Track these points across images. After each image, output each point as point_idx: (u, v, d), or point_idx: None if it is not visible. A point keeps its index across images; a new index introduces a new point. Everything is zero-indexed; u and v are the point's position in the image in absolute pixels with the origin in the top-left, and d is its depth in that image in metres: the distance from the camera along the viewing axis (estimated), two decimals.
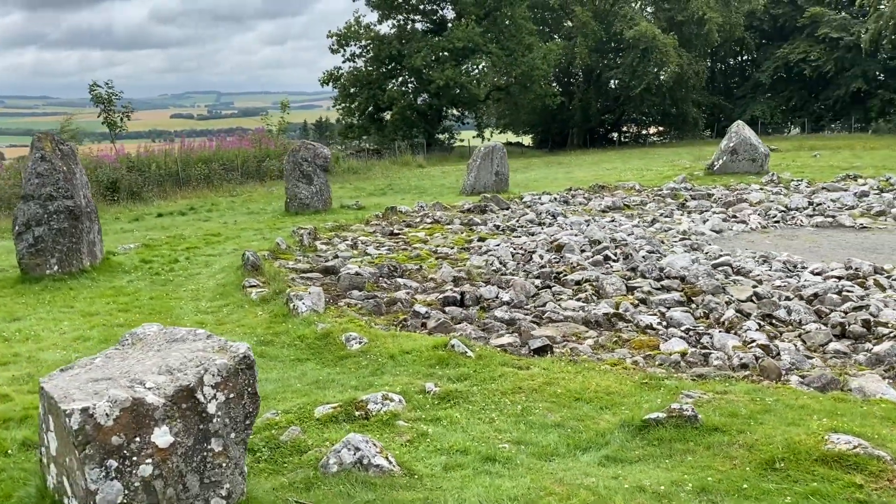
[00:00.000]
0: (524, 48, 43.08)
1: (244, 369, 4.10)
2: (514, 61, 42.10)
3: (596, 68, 51.98)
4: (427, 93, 41.68)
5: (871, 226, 15.80)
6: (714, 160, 24.78)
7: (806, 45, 53.96)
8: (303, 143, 18.43)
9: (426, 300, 9.33)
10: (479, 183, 22.61)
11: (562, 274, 10.13)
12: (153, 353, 4.27)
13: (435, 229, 15.50)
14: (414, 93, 43.66)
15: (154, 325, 4.67)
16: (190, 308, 9.35)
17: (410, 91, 43.06)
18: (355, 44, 43.50)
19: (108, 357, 4.34)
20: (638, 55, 47.80)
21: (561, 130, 55.53)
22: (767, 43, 58.23)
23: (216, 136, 38.73)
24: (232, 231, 15.76)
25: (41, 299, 10.04)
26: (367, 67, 43.20)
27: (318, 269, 11.13)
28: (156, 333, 4.57)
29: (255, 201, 23.30)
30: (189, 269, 12.02)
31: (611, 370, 6.33)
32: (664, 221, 15.92)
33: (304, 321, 8.10)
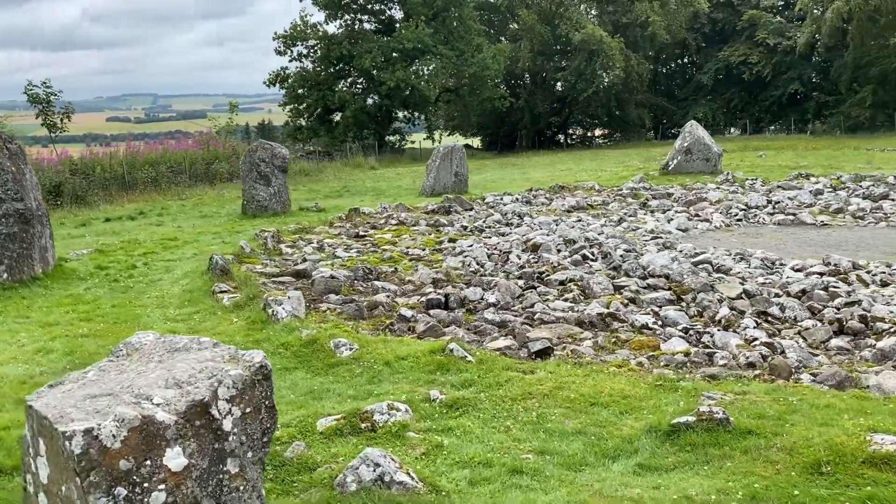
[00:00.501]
0: (473, 49, 42.97)
1: (261, 380, 3.72)
2: (464, 62, 41.95)
3: (542, 70, 52.23)
4: (378, 94, 41.20)
5: (831, 223, 16.03)
6: (669, 160, 24.98)
7: (745, 49, 55.20)
8: (260, 143, 17.87)
9: (408, 303, 9.00)
10: (438, 184, 22.33)
11: (544, 274, 9.90)
12: (155, 365, 3.85)
13: (401, 231, 15.16)
14: (364, 94, 43.14)
15: (150, 334, 4.24)
16: (158, 316, 8.83)
17: (360, 92, 42.50)
18: (302, 44, 42.75)
19: (102, 370, 3.90)
20: (585, 58, 48.18)
21: (510, 132, 55.66)
22: (708, 46, 59.41)
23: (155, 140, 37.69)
24: (189, 235, 15.14)
25: None
26: (315, 68, 42.50)
27: (289, 273, 10.68)
28: (153, 343, 4.14)
29: (207, 204, 22.58)
30: (149, 275, 11.43)
31: (619, 372, 6.10)
32: (630, 221, 15.86)
33: (285, 327, 7.68)
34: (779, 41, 53.06)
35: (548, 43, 49.56)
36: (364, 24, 45.54)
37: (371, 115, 42.16)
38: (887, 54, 48.88)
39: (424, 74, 40.90)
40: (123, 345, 4.13)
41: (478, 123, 55.39)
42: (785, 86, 55.18)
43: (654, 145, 51.68)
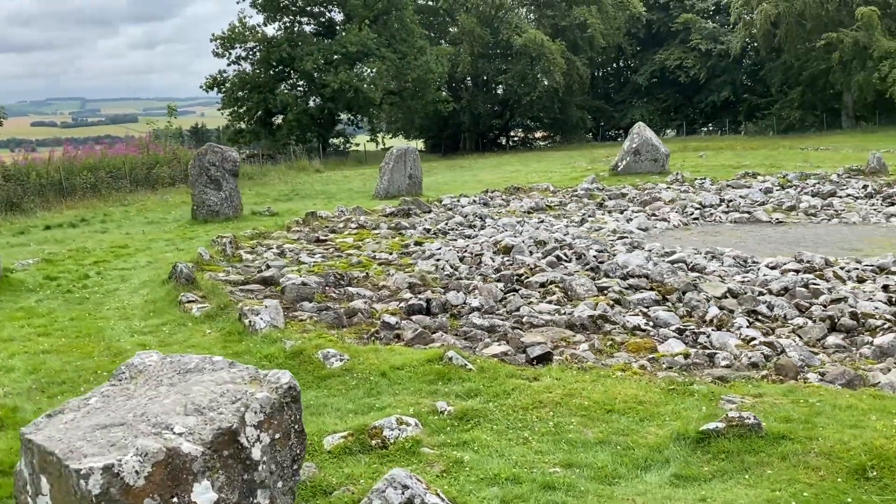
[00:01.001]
0: (416, 51, 42.75)
1: (289, 403, 3.40)
2: (407, 65, 41.68)
3: (484, 73, 52.34)
4: (320, 96, 40.58)
5: (785, 220, 16.29)
6: (618, 161, 25.17)
7: (680, 52, 56.39)
8: (209, 147, 17.26)
9: (387, 309, 8.68)
10: (392, 186, 21.99)
11: (523, 276, 9.71)
12: (167, 389, 3.49)
13: (363, 234, 14.79)
14: (305, 96, 42.45)
15: (153, 354, 3.86)
16: (122, 328, 8.31)
17: (302, 95, 41.79)
18: (241, 46, 41.84)
19: (106, 396, 3.52)
20: (527, 62, 48.45)
21: (453, 135, 55.61)
22: (643, 49, 60.50)
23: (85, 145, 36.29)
24: (140, 242, 14.49)
25: None
26: (255, 71, 41.63)
27: (256, 281, 10.23)
28: (159, 363, 3.76)
29: (151, 210, 21.77)
30: (104, 285, 10.83)
31: (626, 377, 5.92)
32: (592, 221, 15.83)
33: (265, 338, 7.29)
34: (712, 46, 54.34)
35: (488, 46, 49.68)
36: (304, 26, 44.88)
37: (314, 117, 41.50)
38: (815, 57, 50.54)
39: (368, 77, 40.46)
40: (125, 367, 3.75)
41: (421, 126, 55.19)
42: (719, 89, 56.58)
43: (596, 147, 52.29)
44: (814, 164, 27.47)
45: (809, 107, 53.27)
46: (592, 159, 35.92)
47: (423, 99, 43.95)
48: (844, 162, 28.27)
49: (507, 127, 61.69)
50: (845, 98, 51.28)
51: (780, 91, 54.62)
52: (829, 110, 53.06)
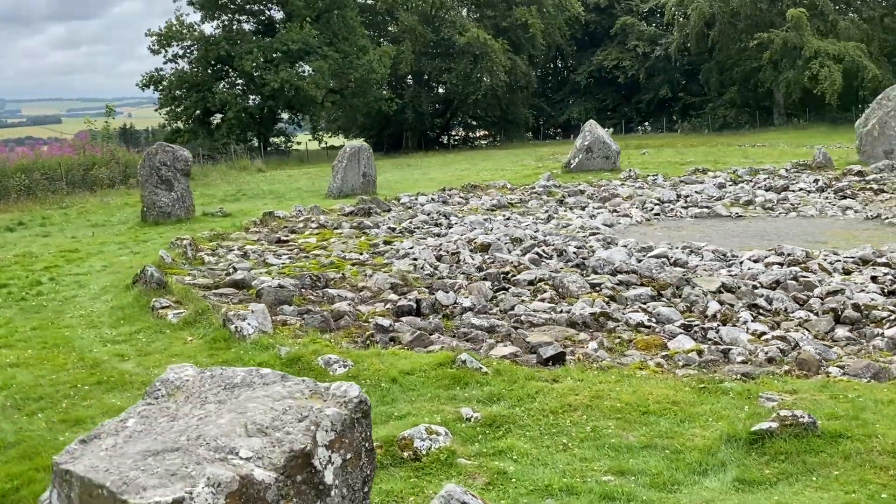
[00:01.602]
0: (358, 50, 42.16)
1: (360, 419, 3.05)
2: (350, 64, 41.06)
3: (426, 72, 52.05)
4: (260, 95, 39.62)
5: (745, 214, 16.48)
6: (570, 158, 25.22)
7: (618, 53, 57.20)
8: (160, 146, 16.50)
9: (374, 311, 8.33)
10: (346, 185, 21.50)
11: (509, 274, 9.46)
12: (216, 407, 3.09)
13: (325, 234, 14.34)
14: (245, 95, 41.41)
15: (188, 367, 3.45)
16: (92, 338, 7.74)
17: (242, 93, 40.74)
18: (178, 44, 40.54)
19: (145, 417, 3.10)
20: (470, 61, 48.34)
21: (395, 133, 55.11)
22: (580, 49, 61.14)
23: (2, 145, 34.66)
24: (91, 246, 13.73)
25: None
26: (192, 69, 40.39)
27: (226, 284, 9.73)
28: (198, 379, 3.36)
29: (93, 213, 20.80)
30: (61, 292, 10.15)
31: (650, 376, 5.72)
32: (558, 218, 15.71)
33: (255, 345, 6.86)
34: (651, 48, 55.27)
35: (430, 45, 49.41)
36: (243, 24, 43.83)
37: (253, 116, 40.51)
38: (747, 56, 51.88)
39: (309, 75, 39.66)
40: (161, 383, 3.33)
41: (362, 125, 54.53)
42: (657, 88, 57.54)
43: (538, 145, 52.59)
44: (756, 160, 28.06)
45: (743, 105, 54.63)
46: (539, 157, 36.01)
47: (366, 97, 43.38)
48: (782, 158, 29.02)
49: (448, 126, 61.54)
50: (776, 96, 52.75)
51: (715, 91, 55.85)
52: (762, 108, 54.51)
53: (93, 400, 5.89)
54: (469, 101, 49.49)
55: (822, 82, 45.91)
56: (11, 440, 5.14)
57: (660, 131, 57.50)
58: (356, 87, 41.98)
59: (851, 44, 46.76)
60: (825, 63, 46.07)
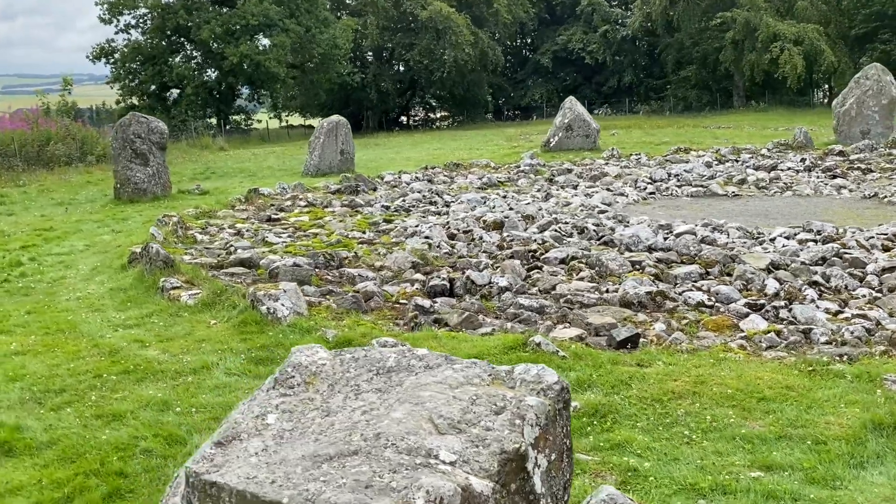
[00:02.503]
0: (321, 24, 40.99)
1: (561, 410, 2.51)
2: (312, 38, 39.89)
3: (389, 48, 51.06)
4: (219, 69, 38.16)
5: (741, 193, 16.26)
6: (549, 137, 24.81)
7: (582, 34, 56.93)
8: (133, 116, 15.51)
9: (404, 291, 7.75)
10: (323, 163, 20.74)
11: (537, 252, 8.96)
12: (378, 397, 2.52)
13: (317, 213, 13.66)
14: (201, 69, 39.85)
15: (317, 349, 2.85)
16: (100, 322, 7.01)
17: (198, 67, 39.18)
18: (130, 13, 38.75)
19: (289, 412, 2.51)
20: (433, 36, 47.52)
21: (354, 113, 54.00)
22: (542, 27, 60.70)
23: None
24: (67, 225, 12.82)
25: None
26: (148, 40, 38.70)
27: (233, 263, 9.03)
28: (336, 362, 2.77)
29: (55, 190, 19.70)
30: (46, 273, 9.33)
31: (745, 360, 5.29)
32: (556, 197, 15.26)
33: (294, 328, 6.24)
34: (616, 29, 55.14)
35: (392, 19, 48.40)
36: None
37: (212, 92, 39.08)
38: (708, 36, 52.09)
39: (269, 50, 38.33)
40: (293, 368, 2.73)
41: (321, 103, 53.34)
42: (620, 71, 57.50)
43: (503, 125, 52.03)
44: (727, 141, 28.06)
45: (703, 87, 54.90)
46: (508, 137, 35.54)
47: (328, 73, 42.21)
48: (752, 139, 29.04)
49: (407, 106, 60.64)
50: (735, 78, 53.10)
51: (673, 71, 56.01)
52: (722, 90, 54.85)
53: (124, 391, 5.22)
54: (434, 78, 48.59)
55: (782, 66, 46.29)
56: (44, 440, 4.47)
57: (622, 113, 57.53)
58: (319, 62, 40.82)
59: (811, 26, 47.21)
60: (785, 46, 46.47)
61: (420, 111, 64.13)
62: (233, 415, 2.55)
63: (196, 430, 4.52)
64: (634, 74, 57.50)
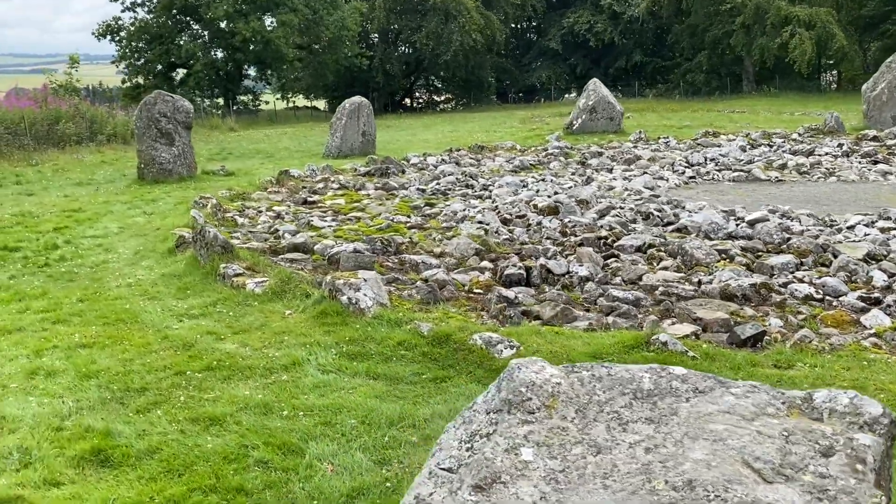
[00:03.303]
0: (329, 5, 40.22)
1: (889, 449, 2.04)
2: (320, 19, 39.13)
3: (397, 30, 50.26)
4: (229, 48, 37.37)
5: (784, 178, 15.80)
6: (572, 119, 24.27)
7: (590, 15, 56.15)
8: (158, 95, 14.93)
9: (477, 280, 7.27)
10: (345, 144, 20.19)
11: (608, 239, 8.49)
12: (653, 429, 2.05)
13: (353, 196, 13.15)
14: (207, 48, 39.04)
15: (543, 364, 2.38)
16: (160, 311, 6.51)
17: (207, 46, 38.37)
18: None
19: (544, 445, 2.04)
20: (441, 19, 46.75)
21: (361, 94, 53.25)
22: (550, 10, 59.87)
23: None
24: (96, 206, 12.28)
25: None
26: (155, 19, 37.88)
27: (289, 248, 8.55)
28: (574, 381, 2.29)
29: (69, 170, 19.15)
30: (86, 258, 8.82)
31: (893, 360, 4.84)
32: (598, 180, 14.77)
33: (380, 320, 5.76)
34: (623, 9, 54.37)
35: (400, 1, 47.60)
36: None
37: (220, 71, 38.31)
38: (719, 21, 51.42)
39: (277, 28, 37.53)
40: (526, 388, 2.25)
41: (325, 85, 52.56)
42: (628, 52, 56.78)
43: (511, 108, 51.43)
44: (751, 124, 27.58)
45: (712, 71, 54.29)
46: (522, 119, 35.00)
47: (336, 55, 41.49)
48: (769, 124, 28.46)
49: (411, 88, 59.86)
50: (745, 62, 52.50)
51: (686, 55, 55.36)
52: (731, 74, 54.26)
53: (214, 391, 4.74)
54: (440, 61, 47.85)
55: (792, 51, 45.69)
56: (141, 447, 4.00)
57: (631, 97, 56.84)
58: (327, 44, 40.08)
59: (823, 10, 46.57)
60: (796, 31, 45.85)
61: (424, 93, 63.36)
62: (482, 449, 2.07)
63: (310, 437, 4.06)
64: (643, 54, 56.68)
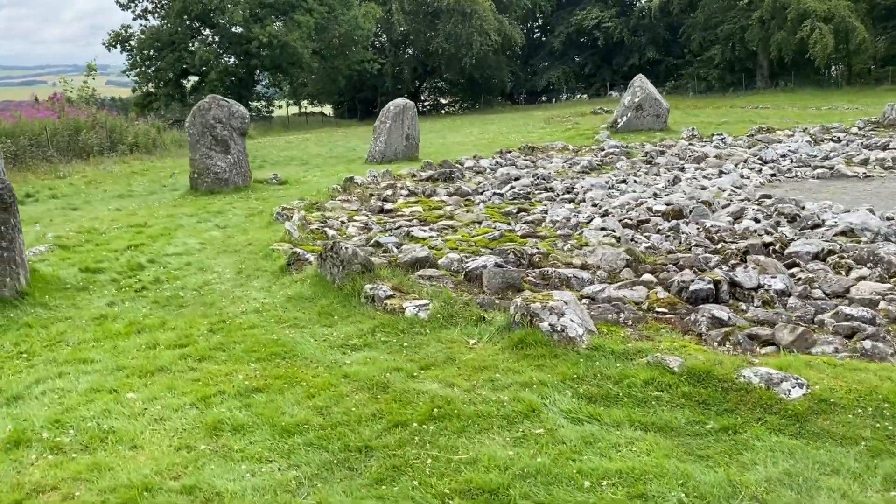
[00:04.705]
0: (342, 5, 39.32)
1: None
2: (334, 19, 38.22)
3: (412, 33, 49.38)
4: (244, 54, 36.40)
5: (871, 174, 14.96)
6: (617, 117, 23.42)
7: (598, 11, 55.33)
8: (213, 100, 13.98)
9: (656, 297, 6.38)
10: (389, 149, 19.27)
11: (775, 245, 7.61)
12: None
13: (429, 203, 12.25)
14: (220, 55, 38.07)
15: None
16: (314, 343, 5.58)
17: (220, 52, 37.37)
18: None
19: None
20: (458, 21, 45.91)
21: (369, 99, 52.42)
22: (559, 9, 59.04)
23: None
24: (161, 220, 11.33)
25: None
26: (166, 25, 36.87)
27: (409, 263, 7.62)
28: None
29: (101, 182, 18.22)
30: (183, 278, 7.89)
31: None
32: (686, 180, 13.91)
33: (599, 351, 4.86)
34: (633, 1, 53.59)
35: (418, 3, 46.73)
36: None
37: (235, 77, 37.32)
38: (734, 15, 50.65)
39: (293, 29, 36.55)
40: None
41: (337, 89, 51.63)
42: (641, 49, 55.97)
43: (524, 109, 50.58)
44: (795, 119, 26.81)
45: (726, 67, 53.53)
46: (546, 120, 34.19)
47: (348, 59, 40.58)
48: (800, 119, 27.65)
49: (417, 92, 59.01)
50: (760, 58, 51.77)
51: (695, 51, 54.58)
52: (745, 70, 53.53)
53: (462, 450, 3.83)
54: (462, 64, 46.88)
55: (812, 46, 45.00)
56: None
57: None
58: (340, 46, 39.15)
59: (843, 3, 45.87)
60: (816, 24, 45.15)
61: (429, 97, 62.50)
62: None
63: None
64: (657, 51, 55.82)
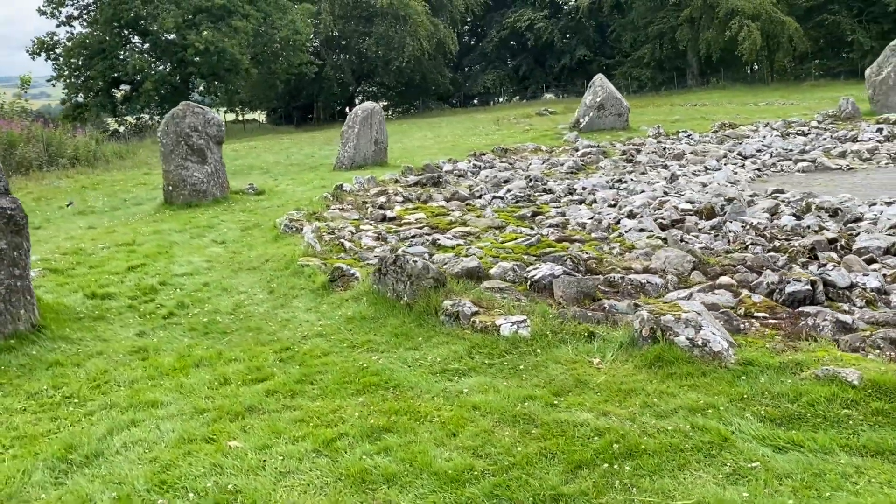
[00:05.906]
0: (279, 10, 38.26)
1: None
2: (272, 24, 37.13)
3: (345, 37, 48.51)
4: (178, 61, 34.94)
5: (854, 166, 15.09)
6: (579, 117, 23.26)
7: (531, 12, 55.54)
8: (187, 107, 13.03)
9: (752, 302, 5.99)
10: (358, 154, 18.56)
11: (841, 242, 7.35)
12: None
13: (431, 209, 11.67)
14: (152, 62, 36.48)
15: None
16: (406, 369, 4.96)
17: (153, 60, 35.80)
18: (73, 3, 35.07)
19: None
20: (391, 24, 45.30)
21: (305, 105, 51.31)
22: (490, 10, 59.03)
23: None
24: (147, 237, 10.40)
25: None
26: (95, 32, 35.06)
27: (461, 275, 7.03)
28: None
29: (53, 199, 16.95)
30: (211, 301, 7.12)
31: None
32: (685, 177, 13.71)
33: (754, 367, 4.41)
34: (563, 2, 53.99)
35: (349, 6, 45.93)
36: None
37: (172, 85, 35.79)
38: (663, 15, 51.57)
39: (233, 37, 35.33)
40: None
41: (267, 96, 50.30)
42: (572, 49, 56.46)
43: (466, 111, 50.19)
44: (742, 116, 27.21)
45: (657, 66, 54.46)
46: (496, 121, 33.92)
47: (287, 62, 39.49)
48: (748, 114, 28.17)
49: (352, 97, 58.10)
50: (689, 56, 52.81)
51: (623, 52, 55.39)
52: (676, 69, 54.56)
53: (678, 498, 3.30)
54: (392, 67, 46.34)
55: (741, 43, 46.13)
56: None
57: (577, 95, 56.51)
58: (279, 50, 38.08)
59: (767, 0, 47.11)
60: (744, 23, 46.30)
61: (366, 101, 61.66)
62: None
63: None
64: (588, 50, 56.38)
